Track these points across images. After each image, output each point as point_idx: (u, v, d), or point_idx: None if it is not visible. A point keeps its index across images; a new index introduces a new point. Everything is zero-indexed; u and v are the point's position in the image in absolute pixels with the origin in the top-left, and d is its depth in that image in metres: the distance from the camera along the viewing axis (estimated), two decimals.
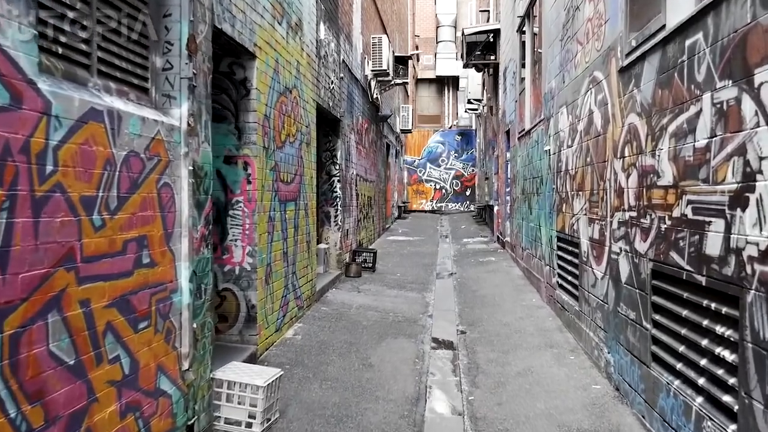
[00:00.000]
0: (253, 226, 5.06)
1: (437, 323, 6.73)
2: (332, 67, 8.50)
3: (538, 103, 8.50)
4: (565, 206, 6.35)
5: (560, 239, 6.61)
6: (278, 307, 5.72)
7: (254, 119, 5.05)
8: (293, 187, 6.28)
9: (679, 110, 3.28)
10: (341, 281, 8.98)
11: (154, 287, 2.95)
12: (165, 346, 3.07)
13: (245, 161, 5.06)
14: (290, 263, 6.17)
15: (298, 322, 6.41)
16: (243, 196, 5.06)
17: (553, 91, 7.01)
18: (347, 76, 9.85)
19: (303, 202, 6.70)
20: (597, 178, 5.02)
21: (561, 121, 6.53)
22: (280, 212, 5.80)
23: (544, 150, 7.58)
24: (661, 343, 3.57)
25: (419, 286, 8.91)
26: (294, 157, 6.31)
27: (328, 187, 9.25)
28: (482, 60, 14.01)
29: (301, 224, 6.63)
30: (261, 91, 5.18)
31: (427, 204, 27.71)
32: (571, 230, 6.05)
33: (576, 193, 5.81)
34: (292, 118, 6.24)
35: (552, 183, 7.10)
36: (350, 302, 7.61)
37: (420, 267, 10.74)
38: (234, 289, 5.09)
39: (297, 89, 6.43)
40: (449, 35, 29.05)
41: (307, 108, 6.94)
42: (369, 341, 5.87)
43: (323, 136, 9.22)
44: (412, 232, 17.30)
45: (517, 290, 8.37)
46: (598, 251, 4.97)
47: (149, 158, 2.91)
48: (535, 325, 6.48)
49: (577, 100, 5.73)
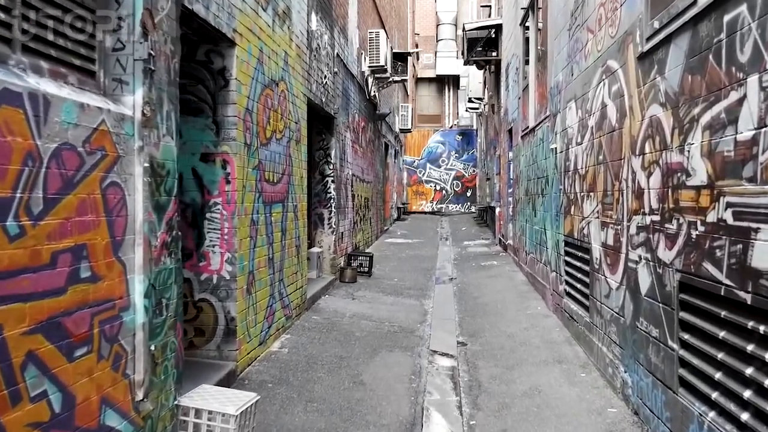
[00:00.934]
0: (233, 230, 4.60)
1: (436, 334, 6.26)
2: (325, 61, 8.04)
3: (543, 99, 8.04)
4: (573, 208, 5.89)
5: (568, 244, 6.14)
6: (262, 318, 5.26)
7: (234, 113, 4.59)
8: (280, 188, 5.82)
9: (715, 98, 2.82)
10: (335, 287, 8.51)
11: (96, 306, 2.49)
12: (112, 375, 2.61)
13: (224, 159, 4.60)
14: (277, 270, 5.71)
15: (285, 333, 5.94)
16: (221, 198, 4.60)
17: (560, 85, 6.55)
18: (342, 71, 9.39)
19: (292, 203, 6.24)
20: (611, 178, 4.55)
21: (569, 116, 6.07)
22: (265, 215, 5.34)
23: (550, 148, 7.11)
24: (691, 366, 3.10)
25: (417, 293, 8.44)
26: (281, 156, 5.85)
27: (321, 187, 8.78)
28: (483, 56, 13.55)
29: (290, 228, 6.17)
30: (242, 83, 4.72)
31: (427, 205, 27.22)
32: (580, 235, 5.59)
33: (586, 195, 5.35)
34: (279, 113, 5.78)
35: (559, 183, 6.63)
36: (344, 310, 7.14)
37: (419, 271, 10.27)
38: (211, 299, 4.62)
39: (285, 82, 5.97)
40: (450, 33, 28.57)
41: (297, 103, 6.48)
42: (362, 355, 5.40)
43: (316, 134, 8.76)
44: (411, 235, 16.83)
45: (521, 297, 7.90)
46: (613, 258, 4.51)
47: (90, 152, 2.44)
48: (541, 336, 6.01)
49: (588, 94, 5.27)
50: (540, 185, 7.97)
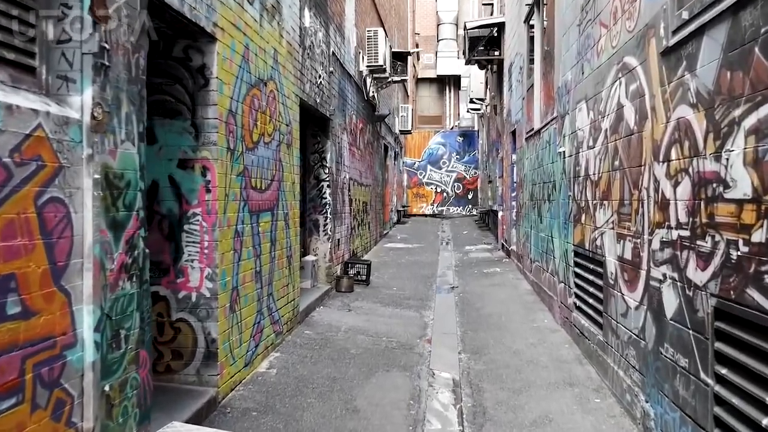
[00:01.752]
0: (214, 243, 4.20)
1: (437, 350, 5.85)
2: (320, 60, 7.63)
3: (549, 100, 7.63)
4: (584, 217, 5.48)
5: (578, 254, 5.73)
6: (248, 337, 4.85)
7: (215, 115, 4.18)
8: (269, 195, 5.41)
9: (762, 98, 2.41)
10: (331, 297, 8.10)
11: (30, 346, 2.08)
12: (52, 426, 2.20)
13: (204, 165, 4.19)
14: (265, 284, 5.30)
15: (275, 351, 5.53)
16: (201, 208, 4.19)
17: (568, 85, 6.14)
18: (338, 71, 8.99)
19: (282, 211, 5.83)
20: (629, 186, 4.14)
21: (579, 118, 5.66)
22: (251, 225, 4.93)
23: (558, 152, 6.71)
24: (730, 405, 2.69)
25: (417, 303, 8.03)
26: (270, 161, 5.44)
27: (316, 192, 8.38)
28: (485, 56, 13.14)
29: (280, 237, 5.76)
30: (224, 82, 4.32)
31: (427, 208, 26.79)
32: (592, 245, 5.18)
33: (599, 203, 4.94)
34: (268, 115, 5.38)
35: (567, 189, 6.22)
36: (339, 324, 6.73)
37: (418, 279, 9.86)
38: (190, 319, 4.22)
39: (274, 82, 5.56)
40: (451, 33, 28.14)
41: (288, 104, 6.08)
42: (356, 376, 4.99)
43: (311, 137, 8.36)
44: (411, 239, 16.41)
45: (527, 309, 7.49)
46: (631, 274, 4.09)
47: (21, 164, 2.04)
48: (549, 353, 5.60)
49: (601, 94, 4.86)
50: (546, 190, 7.56)
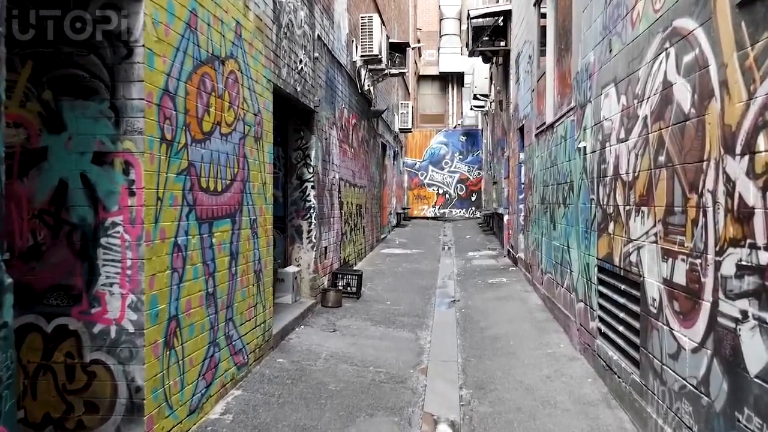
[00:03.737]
0: (139, 262, 3.23)
1: (433, 384, 4.88)
2: (302, 43, 6.67)
3: (565, 89, 6.65)
4: (613, 226, 4.49)
5: (604, 271, 4.75)
6: (196, 376, 3.88)
7: (141, 94, 3.22)
8: (228, 199, 4.45)
9: None
10: (314, 314, 7.13)
11: None
12: None
13: (126, 160, 3.22)
14: (222, 307, 4.33)
15: (236, 388, 4.56)
16: (122, 216, 3.23)
17: (590, 68, 5.16)
18: (326, 58, 8.02)
19: (248, 217, 4.86)
20: (682, 188, 3.16)
21: (606, 106, 4.68)
22: (200, 236, 3.96)
23: (576, 147, 5.72)
24: None
25: (413, 321, 7.05)
26: (230, 156, 4.48)
27: (299, 194, 7.41)
28: (490, 47, 12.16)
29: (245, 249, 4.80)
30: (156, 53, 3.35)
31: (429, 210, 25.77)
32: (624, 262, 4.19)
33: (635, 209, 3.95)
34: (227, 101, 4.41)
35: (589, 192, 5.24)
36: (319, 349, 5.75)
37: (416, 291, 8.87)
38: (108, 361, 3.24)
39: (236, 61, 4.60)
40: (454, 28, 27.13)
41: (257, 90, 5.11)
42: (331, 424, 4.01)
43: (294, 132, 7.39)
44: (410, 244, 15.42)
45: (539, 329, 6.49)
46: (686, 305, 3.11)
47: None
48: (569, 391, 4.62)
49: (637, 73, 3.88)
50: (561, 192, 6.58)
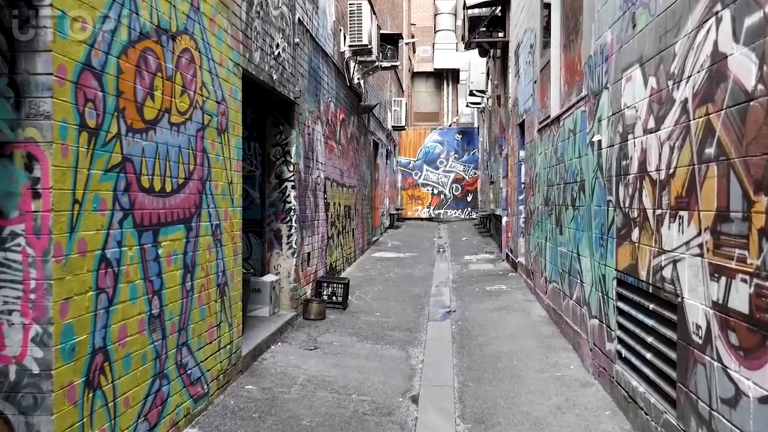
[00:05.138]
0: (46, 283, 2.51)
1: (425, 418, 4.18)
2: (279, 26, 5.95)
3: (574, 76, 5.97)
4: (638, 233, 3.80)
5: (626, 285, 4.05)
6: (132, 420, 3.16)
7: (49, 68, 2.50)
8: (181, 201, 3.73)
9: None
10: (295, 328, 6.41)
11: None
12: None
13: (29, 153, 2.51)
14: (173, 331, 3.61)
15: (191, 425, 3.83)
16: (25, 224, 2.51)
17: (606, 50, 4.48)
18: (309, 45, 7.31)
19: (208, 222, 4.15)
20: (744, 187, 2.47)
21: (628, 91, 3.99)
22: (140, 247, 3.25)
23: (589, 142, 5.03)
24: None
25: (404, 335, 6.34)
26: (183, 151, 3.76)
27: (278, 195, 6.69)
28: (488, 38, 11.48)
29: (204, 260, 4.08)
30: (72, 16, 2.64)
31: (423, 211, 25.05)
32: (654, 277, 3.50)
33: (671, 213, 3.26)
34: (179, 84, 3.70)
35: (605, 192, 4.55)
36: (296, 371, 5.04)
37: (408, 300, 8.16)
38: (7, 411, 2.53)
39: (192, 39, 3.89)
40: (449, 24, 26.43)
41: (222, 74, 4.40)
42: None
43: (273, 126, 6.67)
44: (403, 246, 14.71)
45: (544, 346, 5.80)
46: (749, 339, 2.42)
47: None
48: (585, 427, 3.92)
49: (672, 48, 3.19)
50: (569, 193, 5.89)
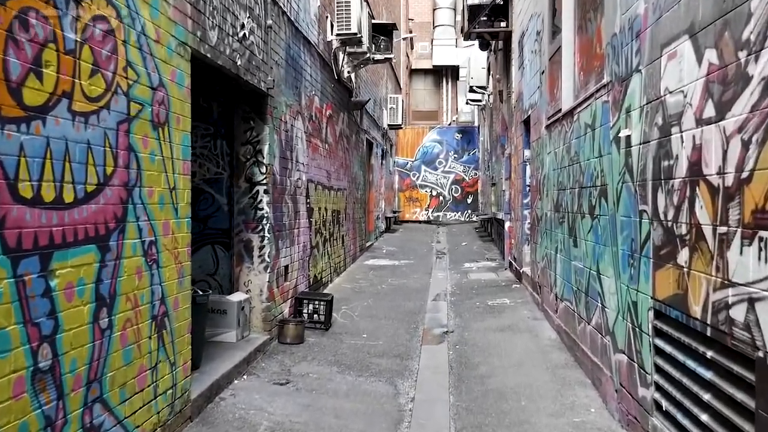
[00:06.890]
0: None
1: None
2: (244, 2, 5.08)
3: (591, 61, 5.10)
4: (687, 254, 2.92)
5: (668, 320, 3.18)
6: None
7: None
8: (92, 214, 2.85)
9: None
10: (266, 355, 5.53)
11: None
12: None
13: None
14: (77, 386, 2.73)
15: None
16: None
17: (638, 23, 3.60)
18: (288, 30, 6.44)
19: (137, 240, 3.27)
20: None
21: (671, 71, 3.11)
22: (16, 280, 2.37)
23: (613, 138, 4.16)
24: None
25: (393, 364, 5.46)
26: (96, 148, 2.89)
27: (249, 201, 5.81)
28: (489, 28, 10.60)
29: (130, 287, 3.21)
30: None
31: (421, 213, 24.15)
32: (716, 316, 2.61)
33: (742, 232, 2.38)
34: (88, 63, 2.83)
35: (637, 200, 3.67)
36: (259, 416, 4.16)
37: (400, 318, 7.28)
38: None
39: (110, 4, 3.02)
40: (448, 19, 25.55)
41: (160, 54, 3.53)
42: None
43: (243, 121, 5.80)
44: (399, 252, 13.82)
45: (557, 378, 4.92)
46: None
47: None
48: None
49: (745, 5, 2.32)
50: (586, 199, 5.01)
